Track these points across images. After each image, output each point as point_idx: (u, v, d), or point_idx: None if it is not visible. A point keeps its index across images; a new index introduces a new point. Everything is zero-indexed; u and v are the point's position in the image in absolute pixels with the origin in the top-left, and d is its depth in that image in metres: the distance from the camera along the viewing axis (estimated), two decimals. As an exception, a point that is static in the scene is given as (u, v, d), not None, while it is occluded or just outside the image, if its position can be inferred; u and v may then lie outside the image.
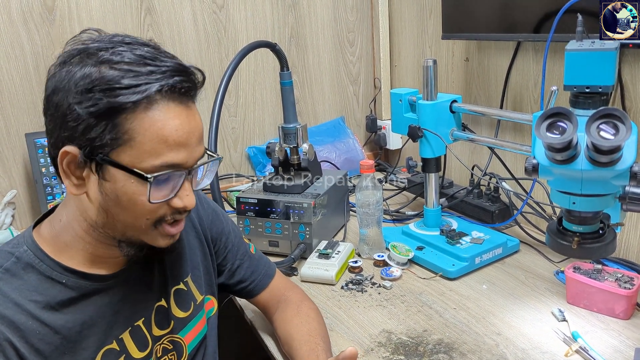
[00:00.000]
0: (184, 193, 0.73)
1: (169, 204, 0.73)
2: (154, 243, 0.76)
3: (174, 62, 0.70)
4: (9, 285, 0.70)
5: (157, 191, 0.70)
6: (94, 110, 0.66)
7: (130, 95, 0.66)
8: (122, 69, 0.66)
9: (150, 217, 0.72)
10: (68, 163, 0.70)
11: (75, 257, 0.75)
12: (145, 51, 0.69)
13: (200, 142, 0.73)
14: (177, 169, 0.70)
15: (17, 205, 1.55)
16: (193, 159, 0.72)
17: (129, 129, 0.67)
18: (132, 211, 0.71)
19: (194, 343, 0.90)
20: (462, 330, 1.02)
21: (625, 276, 1.04)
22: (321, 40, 1.95)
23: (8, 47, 1.48)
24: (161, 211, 0.73)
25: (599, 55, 0.83)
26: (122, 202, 0.70)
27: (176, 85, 0.69)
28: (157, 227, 0.74)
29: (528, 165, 0.86)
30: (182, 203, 0.73)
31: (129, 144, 0.67)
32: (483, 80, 1.57)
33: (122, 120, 0.66)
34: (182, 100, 0.70)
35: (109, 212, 0.71)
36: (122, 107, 0.66)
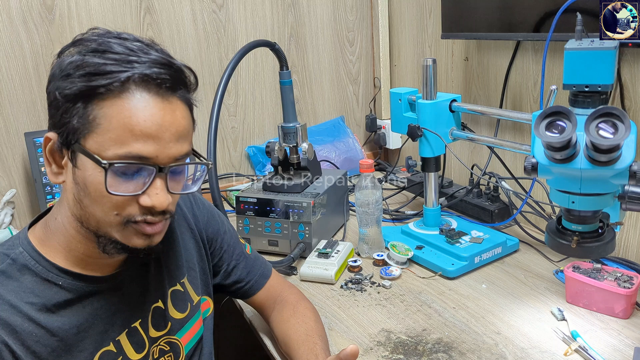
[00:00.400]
0: (153, 191, 0.68)
1: (137, 202, 0.69)
2: (128, 242, 0.71)
3: (160, 55, 0.69)
4: (5, 287, 0.69)
5: (119, 183, 0.67)
6: (68, 93, 0.66)
7: (102, 80, 0.65)
8: (106, 57, 0.66)
9: (119, 212, 0.69)
10: (50, 150, 0.70)
11: (69, 258, 0.74)
12: (136, 45, 0.68)
13: (178, 140, 0.69)
14: (144, 162, 0.67)
15: (16, 204, 1.55)
16: (166, 155, 0.68)
17: (98, 115, 0.65)
18: (99, 203, 0.68)
19: (190, 344, 0.89)
20: (461, 330, 1.02)
21: (624, 275, 1.04)
22: (321, 40, 1.95)
23: (7, 46, 1.48)
24: (130, 209, 0.69)
25: (598, 55, 0.83)
26: (90, 192, 0.68)
27: (152, 75, 0.66)
28: (129, 225, 0.70)
29: (527, 164, 0.86)
30: (150, 201, 0.68)
31: (96, 131, 0.66)
32: (482, 79, 1.57)
33: (93, 105, 0.65)
34: (160, 93, 0.67)
35: (82, 203, 0.69)
36: (94, 92, 0.65)
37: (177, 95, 0.70)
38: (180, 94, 0.71)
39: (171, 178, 0.71)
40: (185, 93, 0.72)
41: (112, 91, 0.65)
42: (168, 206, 0.71)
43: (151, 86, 0.67)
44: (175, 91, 0.70)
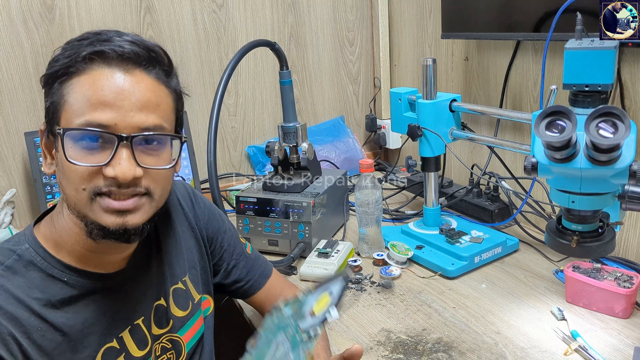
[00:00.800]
0: (117, 161, 0.67)
1: (103, 174, 0.68)
2: (100, 220, 0.69)
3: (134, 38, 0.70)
4: (12, 282, 0.70)
5: (81, 154, 0.67)
6: (43, 81, 0.70)
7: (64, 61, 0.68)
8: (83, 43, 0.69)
9: (86, 186, 0.68)
10: (44, 143, 0.74)
11: (74, 254, 0.74)
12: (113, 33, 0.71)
13: (142, 110, 0.68)
14: (102, 129, 0.67)
15: (16, 204, 1.55)
16: (127, 124, 0.67)
17: (65, 93, 0.68)
18: (68, 179, 0.69)
19: (192, 342, 0.90)
20: (461, 329, 1.02)
21: (624, 275, 1.04)
22: (321, 40, 1.95)
23: (7, 46, 1.48)
24: (96, 180, 0.68)
25: (598, 54, 0.83)
26: (62, 170, 0.69)
27: (116, 50, 0.68)
28: (96, 199, 0.69)
29: (527, 164, 0.86)
30: (113, 172, 0.67)
31: (64, 108, 0.69)
32: (482, 79, 1.57)
33: (64, 85, 0.69)
34: (123, 66, 0.68)
35: (61, 185, 0.71)
36: (65, 72, 0.68)
37: (142, 69, 0.70)
38: (148, 70, 0.71)
39: (142, 151, 0.70)
40: (157, 72, 0.72)
41: (78, 69, 0.68)
42: (139, 181, 0.69)
43: (112, 61, 0.69)
44: (139, 65, 0.70)
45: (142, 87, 0.69)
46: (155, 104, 0.70)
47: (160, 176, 0.73)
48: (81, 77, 0.68)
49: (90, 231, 0.71)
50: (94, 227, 0.70)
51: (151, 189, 0.71)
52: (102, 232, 0.70)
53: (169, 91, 0.74)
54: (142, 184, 0.70)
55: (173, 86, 0.75)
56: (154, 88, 0.71)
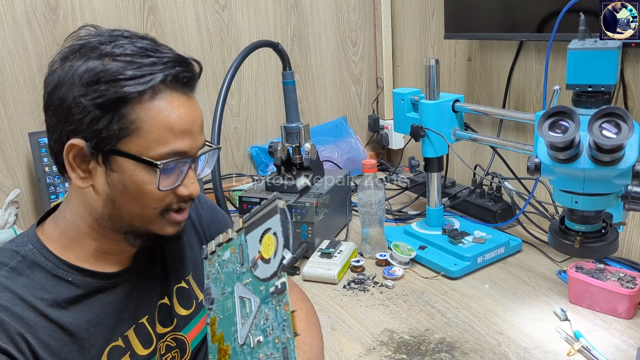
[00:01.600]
0: (189, 181, 0.74)
1: (174, 192, 0.74)
2: (162, 231, 0.76)
3: (174, 53, 0.73)
4: (17, 283, 0.70)
5: (165, 179, 0.72)
6: (101, 102, 0.67)
7: (136, 86, 0.67)
8: (125, 61, 0.68)
9: (158, 205, 0.73)
10: (74, 156, 0.70)
11: (79, 254, 0.75)
12: (145, 44, 0.71)
13: (201, 131, 0.75)
14: (182, 156, 0.72)
15: (20, 204, 1.56)
16: (196, 147, 0.74)
17: (136, 119, 0.68)
18: (140, 200, 0.72)
19: (196, 340, 0.90)
20: (464, 330, 1.02)
21: (627, 276, 1.04)
22: (323, 40, 1.95)
23: (12, 46, 1.48)
24: (168, 199, 0.74)
25: (601, 54, 0.83)
26: (130, 192, 0.71)
27: (179, 75, 0.71)
28: (164, 215, 0.75)
29: (530, 164, 0.86)
30: (187, 191, 0.74)
31: (137, 134, 0.69)
32: (485, 79, 1.57)
33: (128, 110, 0.68)
34: (183, 90, 0.72)
35: (116, 203, 0.72)
36: (128, 98, 0.67)
37: (192, 90, 0.75)
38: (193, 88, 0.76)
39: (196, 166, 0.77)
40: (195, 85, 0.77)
41: (145, 94, 0.68)
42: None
43: (177, 85, 0.72)
44: (192, 87, 0.75)
45: (198, 109, 0.75)
46: (203, 121, 0.77)
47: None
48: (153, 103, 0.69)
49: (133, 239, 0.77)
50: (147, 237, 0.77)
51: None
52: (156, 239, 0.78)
53: None
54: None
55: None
56: (199, 106, 0.76)
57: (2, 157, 1.52)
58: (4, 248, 0.74)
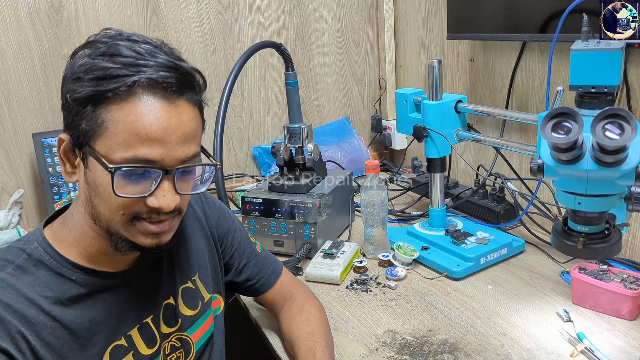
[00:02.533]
0: (160, 193, 0.69)
1: (145, 202, 0.70)
2: (135, 240, 0.72)
3: (167, 58, 0.69)
4: (21, 280, 0.71)
5: (127, 184, 0.68)
6: (77, 97, 0.67)
7: (111, 85, 0.66)
8: (115, 61, 0.67)
9: (125, 212, 0.70)
10: (63, 150, 0.73)
11: (83, 254, 0.76)
12: (145, 48, 0.69)
13: (185, 143, 0.70)
14: (150, 165, 0.68)
15: (24, 204, 1.56)
16: (172, 158, 0.69)
17: (106, 119, 0.67)
18: (107, 203, 0.70)
19: (201, 341, 0.91)
20: (467, 331, 1.02)
21: (630, 277, 1.04)
22: (326, 41, 1.95)
23: (15, 47, 1.49)
24: (136, 208, 0.70)
25: (604, 55, 0.83)
26: (99, 192, 0.70)
27: (157, 79, 0.67)
28: (134, 223, 0.71)
29: (533, 165, 0.86)
30: (157, 203, 0.69)
31: (105, 134, 0.67)
32: (488, 80, 1.57)
33: (101, 109, 0.67)
34: (166, 96, 0.68)
35: (92, 202, 0.71)
36: (102, 96, 0.66)
37: (184, 98, 0.70)
38: (187, 97, 0.71)
39: (180, 179, 0.72)
40: (194, 95, 0.73)
41: (119, 95, 0.66)
42: (175, 206, 0.72)
43: (157, 90, 0.67)
44: (181, 94, 0.70)
45: (185, 119, 0.70)
46: (194, 134, 0.72)
47: (189, 196, 0.76)
48: (124, 105, 0.66)
49: (116, 244, 0.73)
50: (125, 243, 0.73)
51: (182, 208, 0.75)
52: (133, 249, 0.74)
53: (199, 111, 0.75)
54: (176, 206, 0.72)
55: (201, 104, 0.75)
56: (192, 116, 0.72)
57: (6, 158, 1.52)
58: (11, 246, 0.75)
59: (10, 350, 0.66)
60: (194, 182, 0.76)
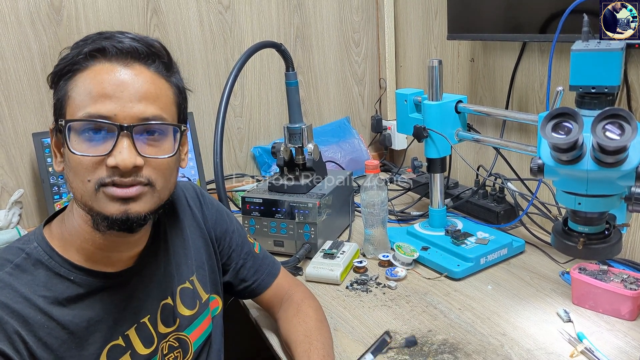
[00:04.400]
0: (117, 150, 0.69)
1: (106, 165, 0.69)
2: (105, 210, 0.70)
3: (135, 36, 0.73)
4: (19, 280, 0.71)
5: (85, 146, 0.69)
6: (50, 79, 0.73)
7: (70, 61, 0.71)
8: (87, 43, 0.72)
9: (91, 177, 0.70)
10: (54, 141, 0.75)
11: (82, 253, 0.76)
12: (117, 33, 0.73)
13: (141, 101, 0.70)
14: (102, 120, 0.68)
15: (24, 204, 1.56)
16: (127, 114, 0.69)
17: (69, 88, 0.71)
18: (75, 172, 0.70)
19: (199, 341, 0.91)
20: (467, 331, 1.02)
21: (630, 277, 1.04)
22: (326, 41, 1.95)
23: (15, 47, 1.49)
24: (99, 172, 0.70)
25: (604, 56, 0.83)
26: (69, 164, 0.71)
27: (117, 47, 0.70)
28: (100, 190, 0.70)
29: (533, 165, 0.86)
30: (114, 161, 0.69)
31: (68, 103, 0.71)
32: (488, 80, 1.57)
33: (67, 82, 0.71)
34: (122, 61, 0.71)
35: (69, 180, 0.73)
36: (70, 70, 0.71)
37: (141, 63, 0.72)
38: (147, 64, 0.73)
39: (143, 141, 0.72)
40: (160, 67, 0.74)
41: (80, 66, 0.71)
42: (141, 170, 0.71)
43: (113, 57, 0.71)
44: (140, 60, 0.72)
45: (141, 79, 0.71)
46: (154, 96, 0.72)
47: (161, 167, 0.74)
48: (84, 73, 0.70)
49: (95, 222, 0.72)
50: (99, 218, 0.72)
51: (152, 179, 0.73)
52: (106, 222, 0.71)
53: (170, 85, 0.76)
54: (144, 173, 0.72)
55: (174, 81, 0.77)
56: (153, 80, 0.73)
57: (6, 158, 1.52)
58: (10, 245, 0.76)
59: (7, 350, 0.66)
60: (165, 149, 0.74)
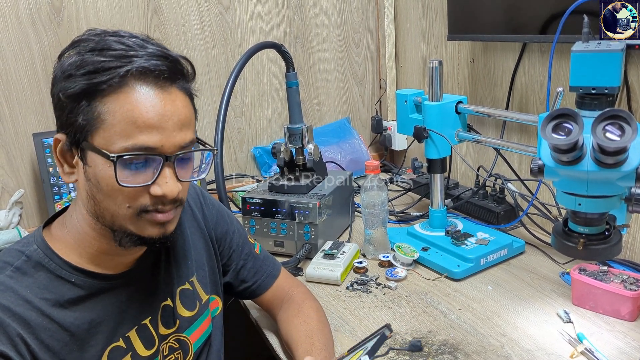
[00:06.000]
0: (162, 180, 0.70)
1: (149, 192, 0.70)
2: (143, 233, 0.73)
3: (156, 48, 0.70)
4: (20, 283, 0.71)
5: (128, 175, 0.69)
6: (71, 94, 0.68)
7: (104, 77, 0.67)
8: (105, 55, 0.68)
9: (131, 204, 0.70)
10: (60, 151, 0.72)
11: (83, 255, 0.76)
12: (132, 41, 0.70)
13: (182, 129, 0.71)
14: (150, 152, 0.68)
15: (24, 204, 1.56)
16: (171, 144, 0.70)
17: (102, 111, 0.67)
18: (112, 197, 0.70)
19: (199, 342, 0.91)
20: (467, 331, 1.02)
21: (630, 278, 1.04)
22: (327, 41, 1.96)
23: (16, 47, 1.49)
24: (142, 199, 0.71)
25: (605, 57, 0.83)
26: (102, 187, 0.70)
27: (150, 68, 0.68)
28: (142, 215, 0.72)
29: (534, 166, 0.86)
30: (160, 190, 0.70)
31: (102, 127, 0.67)
32: (489, 81, 1.57)
33: (96, 102, 0.67)
34: (159, 84, 0.69)
35: (95, 199, 0.71)
36: (95, 89, 0.67)
37: (175, 86, 0.72)
38: (178, 85, 0.72)
39: (179, 166, 0.72)
40: (184, 83, 0.74)
41: (112, 87, 0.67)
42: (178, 194, 0.72)
43: (149, 78, 0.68)
44: (173, 82, 0.71)
45: (179, 105, 0.71)
46: (189, 120, 0.73)
47: (188, 184, 0.77)
48: (119, 96, 0.67)
49: (120, 239, 0.73)
50: (130, 238, 0.73)
51: (183, 198, 0.75)
52: (140, 242, 0.74)
53: (190, 100, 0.75)
54: (180, 196, 0.73)
55: (191, 92, 0.76)
56: (185, 103, 0.73)
57: (7, 158, 1.52)
58: (11, 248, 0.75)
59: (9, 353, 0.66)
60: (192, 169, 0.77)
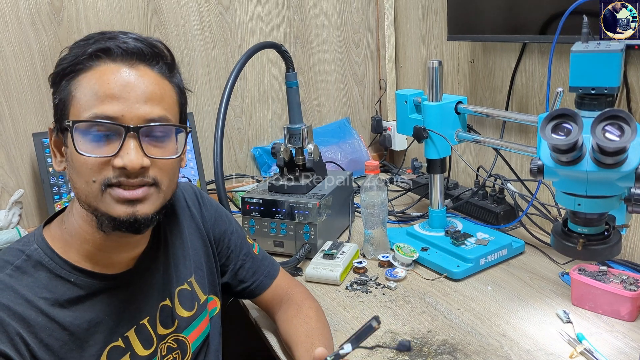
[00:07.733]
0: (125, 152, 0.69)
1: (112, 165, 0.70)
2: (111, 211, 0.71)
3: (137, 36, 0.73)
4: (20, 282, 0.71)
5: (91, 147, 0.69)
6: (51, 79, 0.73)
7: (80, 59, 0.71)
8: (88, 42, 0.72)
9: (96, 178, 0.70)
10: (53, 141, 0.75)
11: (82, 254, 0.76)
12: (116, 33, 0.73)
13: (147, 102, 0.71)
14: (109, 120, 0.69)
15: (24, 204, 1.56)
16: (134, 115, 0.70)
17: (72, 89, 0.71)
18: (79, 172, 0.70)
19: (197, 342, 0.91)
20: (466, 332, 1.02)
21: (630, 278, 1.04)
22: (327, 41, 1.96)
23: (16, 47, 1.49)
24: (105, 172, 0.70)
25: (604, 57, 0.83)
26: (72, 164, 0.71)
27: (121, 47, 0.70)
28: (106, 190, 0.70)
29: (533, 166, 0.86)
30: (121, 162, 0.69)
31: (72, 103, 0.71)
32: (488, 81, 1.57)
33: (71, 82, 0.71)
34: (127, 61, 0.71)
35: (72, 180, 0.73)
36: (73, 70, 0.71)
37: (148, 65, 0.73)
38: (151, 65, 0.73)
39: (149, 142, 0.72)
40: (163, 68, 0.75)
41: (83, 66, 0.70)
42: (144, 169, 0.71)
43: (117, 57, 0.71)
44: (145, 61, 0.73)
45: (147, 81, 0.72)
46: (159, 97, 0.73)
47: (166, 167, 0.75)
48: (88, 73, 0.70)
49: (101, 223, 0.72)
50: (104, 219, 0.72)
51: (158, 180, 0.73)
52: (112, 223, 0.72)
53: (172, 85, 0.76)
54: (150, 174, 0.72)
55: (176, 82, 0.77)
56: (157, 82, 0.73)
57: (6, 158, 1.52)
58: (11, 247, 0.75)
59: (9, 352, 0.66)
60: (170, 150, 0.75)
